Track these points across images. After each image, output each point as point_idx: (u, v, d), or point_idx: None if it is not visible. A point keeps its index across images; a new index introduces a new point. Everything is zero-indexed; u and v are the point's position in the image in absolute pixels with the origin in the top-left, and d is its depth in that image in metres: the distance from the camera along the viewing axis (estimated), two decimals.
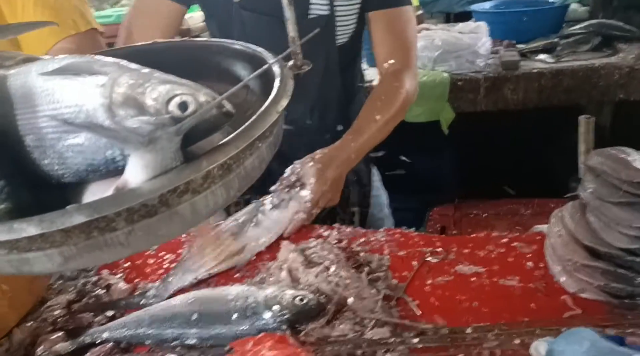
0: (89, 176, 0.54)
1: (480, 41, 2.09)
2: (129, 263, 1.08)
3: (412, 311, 0.86)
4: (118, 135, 0.47)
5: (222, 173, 0.52)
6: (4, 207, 0.50)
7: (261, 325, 0.80)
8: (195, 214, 0.52)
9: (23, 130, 0.53)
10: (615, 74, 2.00)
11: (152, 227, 0.49)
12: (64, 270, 0.50)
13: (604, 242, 0.82)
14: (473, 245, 1.02)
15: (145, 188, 0.47)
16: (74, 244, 0.47)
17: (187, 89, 0.50)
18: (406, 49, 1.29)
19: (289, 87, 0.63)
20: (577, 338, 0.43)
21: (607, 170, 0.83)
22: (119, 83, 0.50)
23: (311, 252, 0.97)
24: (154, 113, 0.48)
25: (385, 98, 1.24)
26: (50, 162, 0.53)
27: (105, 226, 0.47)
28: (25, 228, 0.44)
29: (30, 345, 0.87)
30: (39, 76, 0.52)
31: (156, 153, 0.47)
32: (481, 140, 2.24)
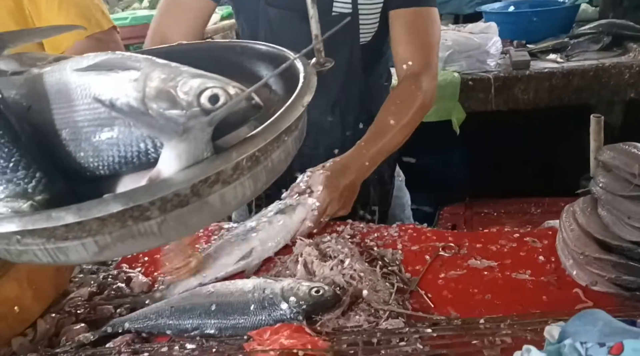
0: (122, 168, 0.56)
1: (490, 41, 2.10)
2: (148, 257, 1.10)
3: (426, 303, 0.88)
4: (155, 123, 0.49)
5: (250, 165, 0.54)
6: (41, 197, 0.52)
7: (278, 315, 0.82)
8: (225, 205, 0.53)
9: (59, 124, 0.56)
10: (626, 73, 2.01)
11: (183, 216, 0.51)
12: (99, 259, 0.51)
13: (615, 235, 0.83)
14: (485, 240, 1.04)
15: (178, 178, 0.48)
16: (109, 233, 0.49)
17: (218, 82, 0.52)
18: (426, 51, 1.25)
19: (312, 83, 0.65)
20: (590, 319, 0.44)
21: (619, 164, 0.84)
22: (151, 77, 0.52)
23: (326, 246, 1.00)
24: (186, 106, 0.50)
25: (400, 102, 1.22)
26: (85, 155, 0.56)
27: (140, 215, 0.48)
28: (63, 216, 0.46)
29: (54, 335, 0.90)
30: (74, 72, 0.55)
31: (189, 143, 0.49)
32: (492, 139, 2.25)
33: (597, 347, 0.39)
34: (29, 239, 0.49)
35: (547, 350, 0.41)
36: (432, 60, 1.26)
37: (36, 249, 0.50)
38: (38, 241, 0.49)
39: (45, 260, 0.51)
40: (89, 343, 0.87)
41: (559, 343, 0.42)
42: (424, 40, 1.25)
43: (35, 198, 0.52)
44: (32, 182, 0.52)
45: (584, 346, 0.39)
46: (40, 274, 0.92)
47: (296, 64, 0.69)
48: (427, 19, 1.25)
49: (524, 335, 0.69)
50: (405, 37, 1.24)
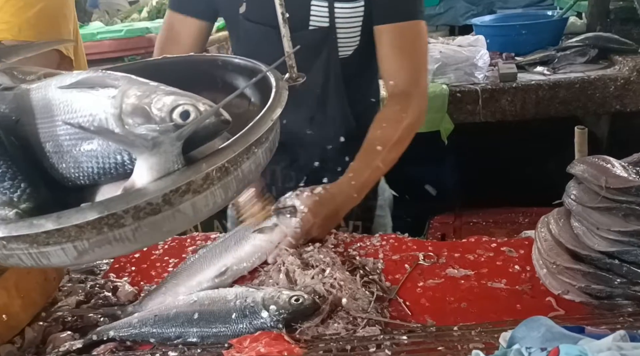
0: (101, 178, 0.60)
1: (478, 54, 2.14)
2: (135, 267, 1.13)
3: (404, 311, 0.91)
4: (126, 140, 0.53)
5: (220, 176, 0.59)
6: (25, 206, 0.56)
7: (259, 323, 0.84)
8: (197, 212, 0.58)
9: (43, 137, 0.60)
10: (611, 85, 2.05)
11: (157, 223, 0.55)
12: (79, 262, 0.56)
13: (585, 246, 0.86)
14: (463, 249, 1.06)
15: (150, 188, 0.53)
16: (86, 239, 0.53)
17: (189, 99, 0.57)
18: (413, 67, 1.22)
19: (283, 97, 0.69)
20: (535, 325, 0.47)
21: (588, 176, 0.87)
22: (128, 95, 0.56)
23: (308, 255, 1.02)
24: (159, 121, 0.55)
25: (386, 125, 1.19)
26: (67, 166, 0.60)
27: (115, 222, 0.53)
28: (43, 224, 0.50)
29: (41, 343, 0.92)
30: (58, 89, 0.59)
31: (160, 156, 0.53)
32: (480, 150, 2.28)
33: (539, 351, 0.41)
34: (14, 244, 0.53)
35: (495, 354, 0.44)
36: (420, 76, 1.25)
37: (20, 253, 0.54)
38: (22, 246, 0.54)
39: (29, 263, 0.55)
40: (74, 351, 0.89)
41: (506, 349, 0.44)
42: (410, 56, 1.23)
43: (20, 207, 0.56)
44: (17, 192, 0.57)
45: (527, 351, 0.42)
46: (29, 282, 0.94)
47: (269, 78, 0.73)
48: (413, 34, 1.23)
49: (495, 342, 0.72)
50: (391, 54, 1.22)
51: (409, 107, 1.20)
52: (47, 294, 1.00)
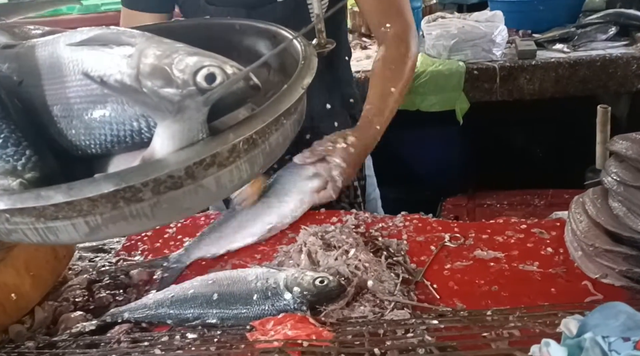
0: (114, 148, 0.54)
1: (496, 30, 2.07)
2: (147, 246, 1.09)
3: (431, 294, 0.87)
4: (148, 101, 0.47)
5: (247, 148, 0.53)
6: (31, 176, 0.51)
7: (282, 305, 0.81)
8: (220, 188, 0.52)
9: (50, 100, 0.54)
10: (633, 64, 1.98)
11: (177, 199, 0.49)
12: (90, 240, 0.50)
13: (627, 227, 0.81)
14: (491, 230, 1.02)
15: (172, 159, 0.47)
16: (100, 214, 0.47)
17: (215, 60, 0.50)
18: (400, 10, 1.25)
19: (313, 64, 0.63)
20: (612, 312, 0.42)
21: (632, 154, 0.82)
22: (146, 54, 0.50)
23: (330, 236, 0.98)
24: (181, 85, 0.48)
25: (394, 67, 1.21)
26: (77, 133, 0.54)
27: (132, 196, 0.47)
28: (52, 195, 0.45)
29: (52, 323, 0.89)
30: (67, 47, 0.53)
31: (183, 123, 0.47)
32: (496, 130, 2.22)
33: (620, 341, 0.37)
34: (18, 218, 0.48)
35: (567, 343, 0.39)
36: (409, 18, 1.26)
37: (25, 228, 0.49)
38: (27, 220, 0.48)
39: (34, 239, 0.50)
40: (88, 332, 0.85)
41: (578, 338, 0.40)
42: (395, 1, 1.25)
43: (25, 176, 0.51)
44: (21, 160, 0.51)
45: (606, 341, 0.38)
46: (39, 261, 0.90)
47: (296, 46, 0.67)
48: None
49: (533, 328, 0.67)
50: (375, 3, 1.24)
51: (410, 47, 1.23)
52: (57, 273, 0.96)
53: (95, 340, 0.80)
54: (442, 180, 2.22)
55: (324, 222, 1.08)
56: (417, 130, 2.09)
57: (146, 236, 1.10)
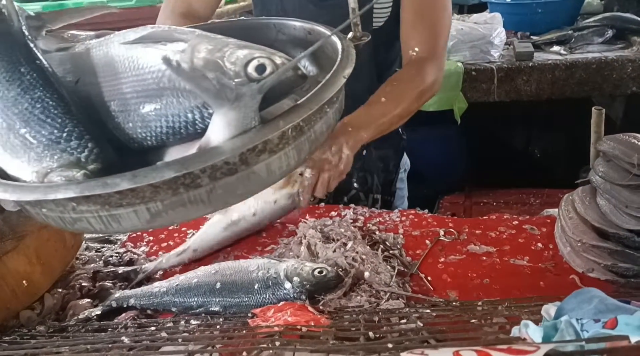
0: (169, 139, 0.57)
1: (495, 31, 2.10)
2: (152, 237, 1.12)
3: (425, 286, 0.90)
4: (211, 88, 0.49)
5: (295, 135, 0.55)
6: (94, 167, 0.53)
7: (282, 294, 0.84)
8: (270, 174, 0.54)
9: (108, 96, 0.57)
10: (628, 66, 2.01)
11: (231, 185, 0.52)
12: (150, 227, 0.52)
13: (612, 224, 0.85)
14: (484, 226, 1.05)
15: (228, 146, 0.49)
16: (161, 200, 0.50)
17: (264, 52, 0.53)
18: (435, 38, 1.21)
19: (352, 55, 0.65)
20: (586, 297, 0.46)
21: (618, 154, 0.86)
22: (198, 49, 0.53)
23: (329, 229, 1.01)
24: (233, 76, 0.51)
25: (397, 84, 1.16)
26: (134, 126, 0.56)
27: (191, 182, 0.50)
28: (118, 183, 0.47)
29: (60, 309, 0.92)
30: (121, 46, 0.56)
31: (239, 111, 0.50)
32: (493, 129, 2.26)
33: (592, 323, 0.40)
34: (84, 206, 0.50)
35: (544, 325, 0.43)
36: (439, 48, 1.23)
37: (90, 216, 0.51)
38: (92, 208, 0.50)
39: (98, 227, 0.52)
40: (94, 317, 0.89)
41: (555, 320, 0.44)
42: (433, 28, 1.21)
43: (89, 168, 0.53)
44: (84, 152, 0.53)
45: (579, 322, 0.41)
46: (49, 249, 0.94)
47: (331, 39, 0.69)
48: (439, 6, 1.21)
49: (521, 317, 0.71)
50: (414, 24, 1.21)
51: (424, 74, 1.18)
52: (66, 261, 0.99)
53: (103, 325, 0.84)
54: (439, 178, 2.25)
55: (323, 215, 1.11)
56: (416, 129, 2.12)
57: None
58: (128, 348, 0.64)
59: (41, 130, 0.52)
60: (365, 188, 1.34)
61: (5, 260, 0.85)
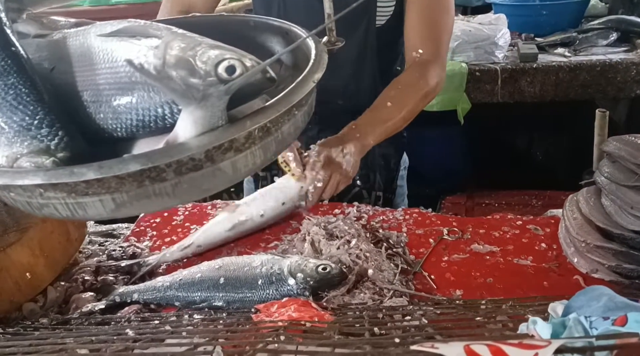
0: (139, 132, 0.58)
1: (499, 32, 2.10)
2: (156, 232, 1.12)
3: (429, 284, 0.90)
4: (177, 88, 0.50)
5: (262, 135, 0.57)
6: (63, 155, 0.54)
7: (285, 290, 0.84)
8: (236, 172, 0.56)
9: (81, 86, 0.58)
10: (632, 69, 2.01)
11: (196, 180, 0.53)
12: (114, 216, 0.54)
13: (617, 225, 0.85)
14: (488, 226, 1.05)
15: (194, 143, 0.51)
16: (126, 191, 0.51)
17: (235, 54, 0.54)
18: (437, 39, 1.22)
19: (323, 60, 0.67)
20: (595, 294, 0.46)
21: (624, 155, 0.86)
22: (171, 46, 0.54)
23: (333, 226, 1.01)
24: (203, 75, 0.52)
25: (402, 87, 1.18)
26: (105, 117, 0.58)
27: (156, 176, 0.51)
28: (85, 172, 0.48)
29: (63, 302, 0.92)
30: (97, 37, 0.57)
31: (206, 110, 0.51)
32: (496, 130, 2.26)
33: (601, 321, 0.40)
34: (51, 193, 0.51)
35: (552, 322, 0.43)
36: (442, 49, 1.24)
37: (57, 203, 0.52)
38: (59, 195, 0.52)
39: (64, 214, 0.54)
40: (97, 311, 0.89)
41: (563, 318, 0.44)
42: (436, 29, 1.22)
43: (58, 155, 0.54)
44: (54, 140, 0.54)
45: (588, 320, 0.41)
46: (52, 242, 0.94)
47: (307, 42, 0.70)
48: (442, 8, 1.22)
49: (525, 315, 0.71)
50: (418, 24, 1.21)
51: (427, 76, 1.19)
52: (69, 255, 0.99)
53: (107, 318, 0.84)
54: (442, 179, 2.25)
55: (327, 213, 1.11)
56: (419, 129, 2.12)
57: (155, 222, 1.14)
58: (132, 340, 0.64)
59: (13, 116, 0.54)
60: (368, 185, 1.35)
61: (9, 252, 0.85)
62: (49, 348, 0.58)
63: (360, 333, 0.62)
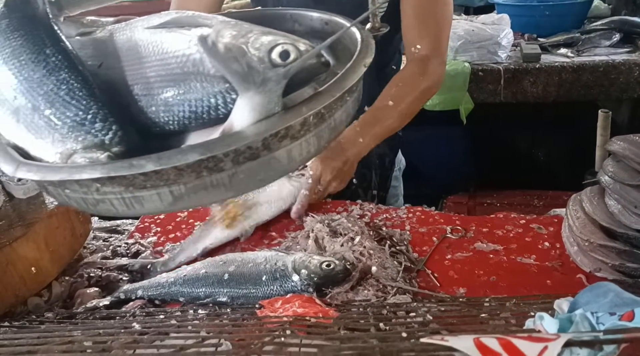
0: (192, 124, 0.57)
1: (502, 32, 2.10)
2: (160, 228, 1.13)
3: (432, 282, 0.90)
4: (242, 70, 0.49)
5: (316, 122, 0.55)
6: (117, 149, 0.53)
7: (290, 286, 0.84)
8: (291, 161, 0.54)
9: (131, 80, 0.57)
10: (636, 70, 2.01)
11: (253, 170, 0.52)
12: (172, 210, 0.52)
13: (621, 224, 0.85)
14: (492, 224, 1.06)
15: (251, 130, 0.49)
16: (184, 183, 0.50)
17: (288, 39, 0.53)
18: (436, 34, 1.21)
19: (371, 45, 0.64)
20: (601, 291, 0.46)
21: (629, 154, 0.86)
22: (222, 34, 0.53)
23: (336, 224, 1.02)
24: (257, 61, 0.51)
25: (402, 85, 1.18)
26: (157, 110, 0.56)
27: (214, 166, 0.50)
28: (144, 164, 0.47)
29: (68, 297, 0.93)
30: (145, 30, 0.56)
31: (264, 95, 0.50)
32: (499, 131, 2.26)
33: (607, 316, 0.41)
34: (109, 187, 0.50)
35: (559, 318, 0.43)
36: (441, 44, 1.23)
37: (113, 198, 0.51)
38: (117, 189, 0.50)
39: (120, 209, 0.52)
40: (102, 307, 0.89)
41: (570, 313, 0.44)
42: (434, 24, 1.21)
43: (112, 150, 0.53)
44: (109, 134, 0.53)
45: (594, 316, 0.41)
46: (57, 237, 0.94)
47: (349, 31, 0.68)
48: (440, 1, 1.21)
49: (529, 313, 0.71)
50: (415, 20, 1.20)
51: (427, 72, 1.19)
52: (74, 250, 1.00)
53: (112, 313, 0.84)
54: (444, 178, 2.26)
55: (330, 211, 1.12)
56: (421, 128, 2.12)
57: (159, 219, 1.14)
58: (139, 333, 0.64)
59: (66, 111, 0.53)
60: (364, 184, 1.36)
61: (15, 246, 0.86)
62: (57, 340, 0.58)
63: (366, 329, 0.62)
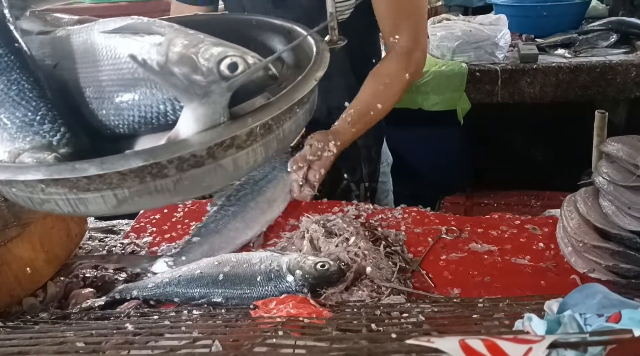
0: (141, 128, 0.58)
1: (500, 33, 2.11)
2: (156, 228, 1.13)
3: (427, 283, 0.91)
4: (180, 84, 0.51)
5: (263, 133, 0.57)
6: (65, 151, 0.54)
7: (284, 287, 0.85)
8: (237, 169, 0.57)
9: (84, 82, 0.58)
10: (632, 71, 2.01)
11: (198, 177, 0.54)
12: (116, 212, 0.54)
13: (615, 225, 0.85)
14: (486, 225, 1.06)
15: (196, 139, 0.51)
16: (127, 187, 0.52)
17: (237, 51, 0.55)
18: (413, 22, 1.20)
19: (325, 58, 0.67)
20: (590, 292, 0.47)
21: (622, 155, 0.86)
22: (174, 43, 0.54)
23: (331, 224, 1.02)
24: (206, 72, 0.52)
25: (389, 82, 1.18)
26: (107, 113, 0.58)
27: (158, 172, 0.51)
28: (87, 168, 0.48)
29: (63, 298, 0.93)
30: (100, 34, 0.57)
31: (208, 107, 0.51)
32: (496, 131, 2.26)
33: (595, 318, 0.41)
34: (53, 188, 0.51)
35: (547, 319, 0.43)
36: (420, 33, 1.23)
37: (58, 199, 0.53)
38: (61, 191, 0.52)
39: (65, 210, 0.53)
40: (97, 307, 0.89)
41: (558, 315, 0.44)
42: (409, 12, 1.20)
43: (60, 151, 0.54)
44: (57, 135, 0.54)
45: (582, 317, 0.41)
46: (52, 237, 0.94)
47: (309, 41, 0.71)
48: None
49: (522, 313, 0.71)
50: (389, 10, 1.19)
51: (411, 66, 1.20)
52: (69, 250, 1.00)
53: (106, 314, 0.84)
54: (441, 179, 2.26)
55: (325, 211, 1.12)
56: (419, 128, 2.13)
57: (155, 219, 1.15)
58: (132, 334, 0.64)
59: (15, 111, 0.54)
60: (356, 178, 1.36)
61: (10, 246, 0.86)
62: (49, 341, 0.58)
63: (358, 330, 0.63)
